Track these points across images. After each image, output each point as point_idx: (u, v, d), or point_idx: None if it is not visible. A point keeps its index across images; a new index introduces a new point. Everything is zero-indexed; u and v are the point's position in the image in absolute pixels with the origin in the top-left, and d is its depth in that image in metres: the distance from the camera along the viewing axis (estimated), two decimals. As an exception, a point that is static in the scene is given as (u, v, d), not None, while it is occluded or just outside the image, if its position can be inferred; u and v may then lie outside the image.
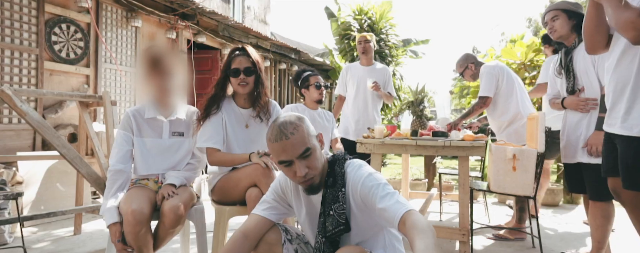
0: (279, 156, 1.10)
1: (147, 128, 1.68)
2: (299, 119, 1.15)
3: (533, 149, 2.16)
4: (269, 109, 1.79)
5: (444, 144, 2.29)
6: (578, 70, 2.02)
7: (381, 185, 1.06)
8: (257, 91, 1.72)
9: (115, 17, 4.06)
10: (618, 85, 1.40)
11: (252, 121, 1.77)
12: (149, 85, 1.66)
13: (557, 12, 2.08)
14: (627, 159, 1.38)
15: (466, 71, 2.86)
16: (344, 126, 3.27)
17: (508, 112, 2.66)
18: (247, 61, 1.70)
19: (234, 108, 1.77)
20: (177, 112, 1.73)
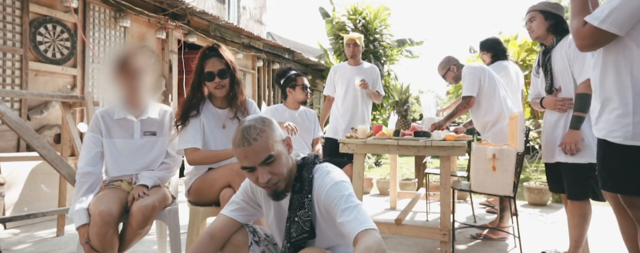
0: (242, 162, 1.08)
1: (117, 129, 1.66)
2: (265, 122, 1.11)
3: (513, 149, 2.16)
4: (247, 108, 1.77)
5: (425, 144, 2.29)
6: (556, 70, 2.03)
7: (344, 196, 1.04)
8: (233, 92, 1.70)
9: (103, 17, 4.04)
10: (592, 88, 1.42)
11: (229, 122, 1.76)
12: (117, 85, 1.64)
13: (534, 13, 2.09)
14: (597, 160, 1.39)
15: (448, 73, 2.88)
16: (333, 126, 3.26)
17: (492, 111, 2.67)
18: (220, 63, 1.67)
19: (211, 109, 1.76)
20: (149, 111, 1.71)
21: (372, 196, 4.45)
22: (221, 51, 1.70)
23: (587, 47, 1.33)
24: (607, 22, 1.23)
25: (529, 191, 3.90)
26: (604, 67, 1.34)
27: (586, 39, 1.30)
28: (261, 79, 7.14)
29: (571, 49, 1.94)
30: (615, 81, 1.30)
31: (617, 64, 1.29)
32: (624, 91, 1.27)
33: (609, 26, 1.23)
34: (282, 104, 2.70)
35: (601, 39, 1.27)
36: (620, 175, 1.29)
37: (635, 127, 1.24)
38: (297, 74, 2.65)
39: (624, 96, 1.27)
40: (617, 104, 1.29)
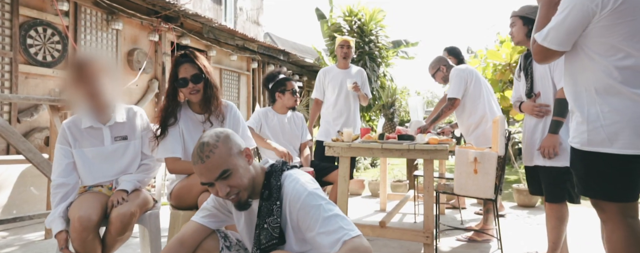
0: (200, 178, 1.11)
1: (86, 138, 1.65)
2: (219, 137, 1.13)
3: (494, 152, 2.19)
4: (222, 111, 1.78)
5: (409, 148, 2.31)
6: (536, 74, 2.06)
7: (322, 206, 1.05)
8: (206, 96, 1.71)
9: (95, 19, 4.06)
10: None
11: (208, 127, 1.77)
12: (78, 93, 1.61)
13: (514, 18, 2.13)
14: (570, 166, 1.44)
15: (437, 73, 2.91)
16: (325, 128, 3.28)
17: (475, 114, 2.71)
18: (193, 68, 1.68)
19: (190, 114, 1.77)
20: (116, 116, 1.70)
21: (364, 197, 4.47)
22: (194, 56, 1.71)
23: (539, 61, 1.41)
24: (547, 40, 1.32)
25: (518, 193, 3.92)
26: (566, 77, 1.41)
27: (536, 55, 1.39)
28: (256, 81, 7.16)
29: None
30: (573, 90, 1.37)
31: (574, 74, 1.36)
32: (580, 100, 1.34)
33: (549, 44, 1.32)
34: (270, 108, 2.71)
35: (548, 55, 1.35)
36: (584, 179, 1.35)
37: (589, 134, 1.30)
38: (286, 79, 2.66)
39: (580, 104, 1.34)
40: (576, 113, 1.36)
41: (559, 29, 1.29)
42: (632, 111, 1.23)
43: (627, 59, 1.24)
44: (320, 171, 2.69)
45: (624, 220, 1.27)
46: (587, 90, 1.31)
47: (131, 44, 4.53)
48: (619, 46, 1.24)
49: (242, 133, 1.84)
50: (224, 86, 6.28)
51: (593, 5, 1.23)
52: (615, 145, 1.24)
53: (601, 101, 1.27)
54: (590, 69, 1.30)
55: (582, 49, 1.31)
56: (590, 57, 1.30)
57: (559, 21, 1.29)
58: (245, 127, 1.88)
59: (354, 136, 2.61)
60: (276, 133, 2.65)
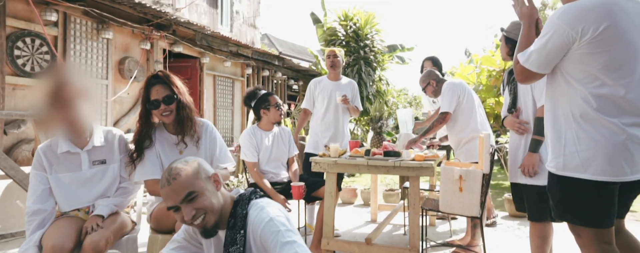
0: (166, 202, 1.11)
1: (63, 163, 1.62)
2: (188, 162, 1.15)
3: (479, 170, 2.18)
4: (198, 131, 1.76)
5: (394, 165, 2.30)
6: (519, 91, 2.08)
7: (281, 232, 1.05)
8: (179, 117, 1.68)
9: (85, 29, 4.04)
10: None
11: (182, 147, 1.75)
12: (54, 118, 1.58)
13: (502, 35, 2.13)
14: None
15: (428, 87, 2.91)
16: (314, 141, 3.26)
17: (467, 128, 2.71)
18: (164, 89, 1.65)
19: (166, 135, 1.75)
20: (94, 140, 1.66)
21: (356, 206, 4.46)
22: (165, 77, 1.68)
23: (522, 81, 1.43)
24: (528, 62, 1.34)
25: (509, 203, 3.91)
26: (547, 100, 1.42)
27: (518, 75, 1.41)
28: (251, 86, 7.14)
29: None
30: (552, 114, 1.38)
31: (553, 98, 1.37)
32: (557, 124, 1.35)
33: (530, 65, 1.33)
34: (256, 126, 2.70)
35: (529, 75, 1.37)
36: (559, 203, 1.36)
37: (565, 158, 1.31)
38: (268, 94, 2.65)
39: (557, 128, 1.35)
40: (552, 136, 1.37)
41: (540, 53, 1.30)
42: (606, 139, 1.25)
43: (603, 88, 1.25)
44: (309, 187, 2.67)
45: (599, 245, 1.28)
46: (564, 115, 1.32)
47: (122, 53, 4.51)
48: (596, 74, 1.25)
49: (219, 152, 1.83)
50: (218, 93, 6.27)
51: (573, 33, 1.24)
52: (589, 171, 1.26)
53: (577, 127, 1.29)
54: (568, 95, 1.31)
55: (562, 73, 1.32)
56: (568, 82, 1.31)
57: (541, 45, 1.30)
58: (223, 146, 1.87)
59: (341, 151, 2.60)
60: (264, 151, 2.64)
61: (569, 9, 1.26)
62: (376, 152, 2.43)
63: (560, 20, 1.26)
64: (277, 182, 2.65)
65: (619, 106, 1.24)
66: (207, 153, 1.80)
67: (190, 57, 5.74)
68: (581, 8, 1.24)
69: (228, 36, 10.35)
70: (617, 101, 1.24)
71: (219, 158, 1.82)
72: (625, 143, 1.23)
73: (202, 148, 1.78)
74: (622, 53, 1.23)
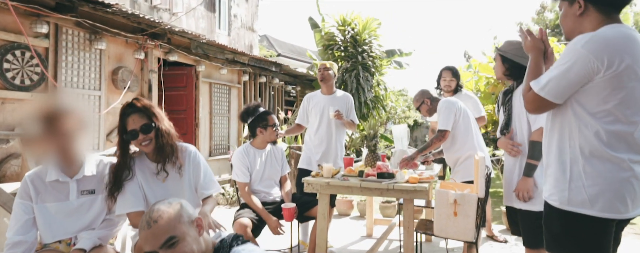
0: (144, 246, 1.06)
1: (50, 192, 1.57)
2: (171, 204, 1.10)
3: (474, 194, 2.13)
4: (180, 159, 1.70)
5: (388, 187, 2.26)
6: (514, 112, 2.05)
7: None
8: (159, 145, 1.63)
9: (77, 40, 3.99)
10: (543, 148, 1.43)
11: (163, 176, 1.69)
12: (47, 146, 1.53)
13: (496, 54, 2.10)
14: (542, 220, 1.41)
15: (422, 106, 2.89)
16: (307, 156, 3.21)
17: (464, 146, 2.69)
18: (141, 118, 1.60)
19: (147, 163, 1.70)
20: (85, 169, 1.62)
21: (352, 218, 4.41)
22: (140, 104, 1.63)
23: (532, 111, 1.36)
24: (544, 91, 1.27)
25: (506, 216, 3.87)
26: (551, 130, 1.36)
27: (530, 103, 1.34)
28: (247, 93, 7.09)
29: None
30: (557, 145, 1.33)
31: (560, 129, 1.32)
32: (563, 156, 1.30)
33: (546, 94, 1.27)
34: (249, 144, 2.65)
35: (543, 105, 1.31)
36: (559, 237, 1.31)
37: (570, 192, 1.27)
38: (267, 113, 2.60)
39: (562, 161, 1.30)
40: (556, 168, 1.32)
41: (559, 81, 1.25)
42: (614, 175, 1.22)
43: (616, 124, 1.22)
44: (301, 206, 2.63)
45: None
46: (571, 148, 1.28)
47: (116, 63, 4.46)
48: (611, 110, 1.22)
49: (204, 177, 1.78)
50: (214, 100, 6.22)
51: (599, 63, 1.19)
52: (596, 207, 1.22)
53: (584, 161, 1.25)
54: (577, 128, 1.27)
55: (573, 105, 1.28)
56: (578, 115, 1.27)
57: (561, 73, 1.24)
58: (207, 171, 1.81)
59: (334, 170, 2.56)
60: (257, 170, 2.59)
61: (595, 38, 1.21)
62: (369, 173, 2.38)
63: (585, 49, 1.21)
64: (268, 202, 2.60)
65: (628, 142, 1.22)
66: (191, 179, 1.76)
67: (185, 65, 5.68)
68: (608, 39, 1.20)
69: (226, 39, 10.35)
70: (627, 138, 1.22)
71: (204, 184, 1.77)
72: (630, 180, 1.22)
73: (185, 175, 1.73)
74: (638, 91, 1.21)
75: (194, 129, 5.79)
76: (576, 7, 1.30)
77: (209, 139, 6.10)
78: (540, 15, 20.19)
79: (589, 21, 1.30)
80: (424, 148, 2.72)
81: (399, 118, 14.28)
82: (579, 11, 1.30)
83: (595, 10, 1.28)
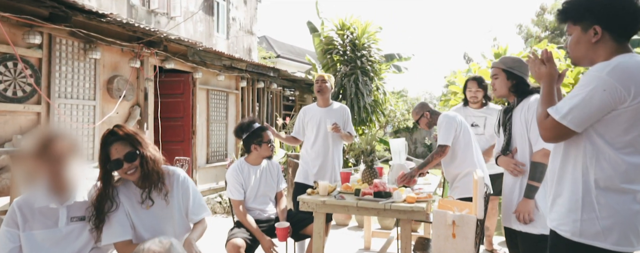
0: None
1: (38, 219, 1.52)
2: (162, 243, 1.08)
3: (473, 216, 2.08)
4: (166, 185, 1.65)
5: (385, 207, 2.21)
6: (515, 131, 2.01)
7: None
8: (145, 172, 1.57)
9: (71, 50, 3.94)
10: (550, 174, 1.39)
11: (148, 204, 1.64)
12: (39, 173, 1.49)
13: (497, 70, 2.07)
14: (548, 249, 1.37)
15: (421, 119, 2.85)
16: (304, 170, 3.16)
17: (464, 163, 2.66)
18: (123, 146, 1.55)
19: (133, 190, 1.65)
20: (77, 195, 1.57)
21: (350, 229, 4.36)
22: (121, 131, 1.57)
23: (549, 139, 1.31)
24: (567, 119, 1.22)
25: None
26: (564, 158, 1.31)
27: (548, 131, 1.28)
28: (245, 99, 7.04)
29: (530, 113, 1.96)
30: (570, 174, 1.28)
31: (574, 158, 1.27)
32: (576, 186, 1.25)
33: (569, 123, 1.22)
34: (244, 160, 2.60)
35: (562, 133, 1.26)
36: None
37: (583, 224, 1.22)
38: (261, 128, 2.55)
39: (575, 190, 1.25)
40: (568, 198, 1.27)
41: (583, 109, 1.19)
42: (629, 208, 1.18)
43: (634, 156, 1.19)
44: (297, 223, 2.58)
45: None
46: (585, 177, 1.24)
47: (111, 72, 4.41)
48: (631, 141, 1.18)
49: (194, 202, 1.73)
50: (211, 107, 6.17)
51: (625, 92, 1.16)
52: (609, 240, 1.19)
53: (598, 192, 1.21)
54: (594, 157, 1.22)
55: (590, 134, 1.23)
56: (596, 144, 1.22)
57: (584, 100, 1.19)
58: (197, 195, 1.76)
59: (330, 187, 2.51)
60: (252, 187, 2.54)
61: (620, 66, 1.18)
62: (366, 192, 2.33)
63: (610, 76, 1.16)
64: (263, 220, 2.55)
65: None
66: (181, 205, 1.71)
67: (182, 72, 5.64)
68: (633, 69, 1.18)
69: (224, 43, 10.30)
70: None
71: (193, 209, 1.73)
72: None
73: (174, 201, 1.68)
74: None
75: (190, 136, 5.74)
76: (591, 34, 1.26)
77: (206, 147, 6.05)
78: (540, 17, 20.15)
79: (603, 49, 1.26)
80: (424, 164, 2.67)
81: (398, 121, 14.23)
82: (595, 38, 1.26)
83: (610, 38, 1.25)
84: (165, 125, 5.58)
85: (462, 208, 2.25)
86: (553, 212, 1.33)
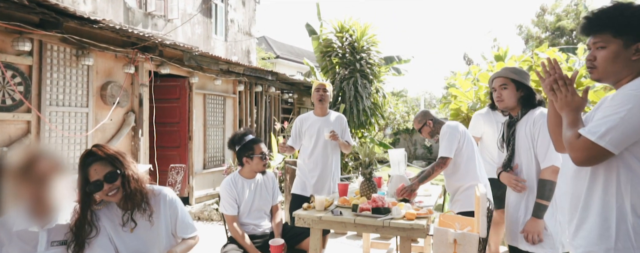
0: None
1: (15, 243, 1.43)
2: None
3: (475, 234, 2.00)
4: (151, 206, 1.56)
5: (384, 224, 2.13)
6: (518, 146, 1.94)
7: None
8: (127, 193, 1.49)
9: (63, 56, 3.85)
10: (573, 199, 1.29)
11: (131, 226, 1.56)
12: (21, 192, 1.38)
13: (506, 80, 1.99)
14: None
15: (424, 128, 2.77)
16: (301, 181, 3.08)
17: (467, 176, 2.59)
18: (104, 166, 1.46)
19: (116, 211, 1.56)
20: (59, 217, 1.49)
21: (348, 238, 4.28)
22: (101, 151, 1.48)
23: (583, 162, 1.19)
24: (605, 140, 1.12)
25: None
26: (592, 182, 1.22)
27: (582, 152, 1.17)
28: (243, 103, 6.96)
29: (536, 128, 1.88)
30: (600, 199, 1.19)
31: (605, 182, 1.18)
32: (608, 212, 1.17)
33: (607, 144, 1.13)
34: (237, 174, 2.52)
35: (598, 155, 1.16)
36: None
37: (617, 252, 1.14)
38: (253, 141, 2.46)
39: (607, 217, 1.17)
40: (598, 224, 1.19)
41: (622, 129, 1.11)
42: None
43: None
44: (293, 238, 2.50)
45: None
46: (619, 203, 1.15)
47: (105, 78, 4.32)
48: None
49: (181, 222, 1.65)
50: (208, 111, 6.08)
51: None
52: None
53: (634, 220, 1.13)
54: (629, 182, 1.14)
55: (624, 157, 1.15)
56: (632, 168, 1.14)
57: (623, 120, 1.11)
58: (184, 214, 1.68)
59: (327, 202, 2.42)
60: (246, 201, 2.46)
61: None
62: (364, 207, 2.25)
63: None
64: (258, 235, 2.46)
65: None
66: (168, 225, 1.62)
67: (178, 77, 5.55)
68: None
69: (222, 45, 10.21)
70: None
71: (180, 229, 1.65)
72: None
73: (160, 222, 1.59)
74: None
75: (187, 142, 5.66)
76: (632, 51, 1.18)
77: (203, 152, 5.97)
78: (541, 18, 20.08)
79: (637, 67, 1.18)
80: (425, 177, 2.59)
81: (398, 123, 14.14)
82: (636, 56, 1.18)
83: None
84: (161, 130, 5.49)
85: (464, 224, 2.17)
86: (579, 238, 1.24)
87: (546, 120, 1.83)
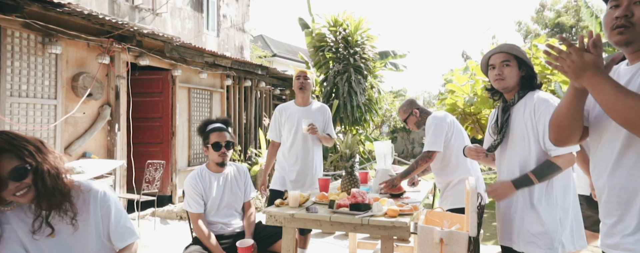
0: None
1: None
2: None
3: (464, 232, 1.75)
4: (73, 202, 1.28)
5: (362, 222, 1.87)
6: (512, 133, 1.73)
7: None
8: (40, 192, 1.21)
9: (26, 43, 3.59)
10: (622, 193, 1.05)
11: (47, 232, 1.28)
12: None
13: (509, 56, 1.73)
14: None
15: (410, 118, 2.53)
16: (280, 176, 2.82)
17: (457, 170, 2.38)
18: (10, 160, 1.16)
19: (30, 212, 1.28)
20: None
21: (336, 238, 4.02)
22: (6, 144, 1.17)
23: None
24: None
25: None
26: (630, 175, 1.02)
27: None
28: (231, 98, 6.69)
29: (537, 115, 1.64)
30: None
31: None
32: None
33: None
34: (205, 167, 2.27)
35: None
36: None
37: None
38: (212, 129, 2.21)
39: None
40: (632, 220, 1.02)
41: None
42: None
43: None
44: (265, 239, 2.24)
45: None
46: None
47: (76, 68, 4.06)
48: None
49: (117, 225, 1.37)
50: (193, 106, 5.82)
51: None
52: None
53: None
54: None
55: None
56: None
57: None
58: (121, 215, 1.39)
59: (303, 198, 2.17)
60: (213, 197, 2.20)
61: None
62: (341, 204, 1.99)
63: None
64: (226, 235, 2.21)
65: None
66: (100, 228, 1.35)
67: (160, 70, 5.29)
68: None
69: (214, 40, 9.95)
70: None
71: (116, 234, 1.37)
72: None
73: (90, 225, 1.32)
74: None
75: (170, 137, 5.39)
76: None
77: (187, 148, 5.71)
78: (540, 14, 19.86)
79: None
80: (408, 171, 2.36)
81: (395, 120, 13.88)
82: None
83: None
84: (143, 126, 5.23)
85: (453, 222, 1.92)
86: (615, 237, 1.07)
87: (549, 106, 1.59)
